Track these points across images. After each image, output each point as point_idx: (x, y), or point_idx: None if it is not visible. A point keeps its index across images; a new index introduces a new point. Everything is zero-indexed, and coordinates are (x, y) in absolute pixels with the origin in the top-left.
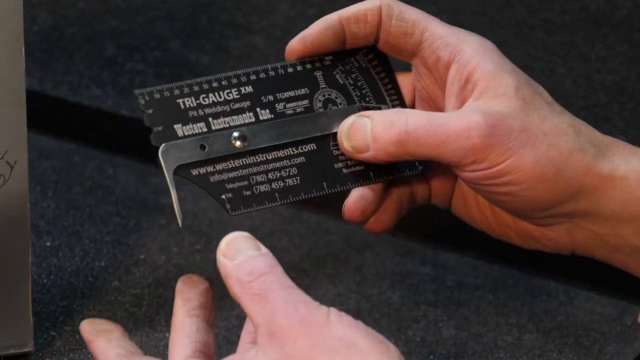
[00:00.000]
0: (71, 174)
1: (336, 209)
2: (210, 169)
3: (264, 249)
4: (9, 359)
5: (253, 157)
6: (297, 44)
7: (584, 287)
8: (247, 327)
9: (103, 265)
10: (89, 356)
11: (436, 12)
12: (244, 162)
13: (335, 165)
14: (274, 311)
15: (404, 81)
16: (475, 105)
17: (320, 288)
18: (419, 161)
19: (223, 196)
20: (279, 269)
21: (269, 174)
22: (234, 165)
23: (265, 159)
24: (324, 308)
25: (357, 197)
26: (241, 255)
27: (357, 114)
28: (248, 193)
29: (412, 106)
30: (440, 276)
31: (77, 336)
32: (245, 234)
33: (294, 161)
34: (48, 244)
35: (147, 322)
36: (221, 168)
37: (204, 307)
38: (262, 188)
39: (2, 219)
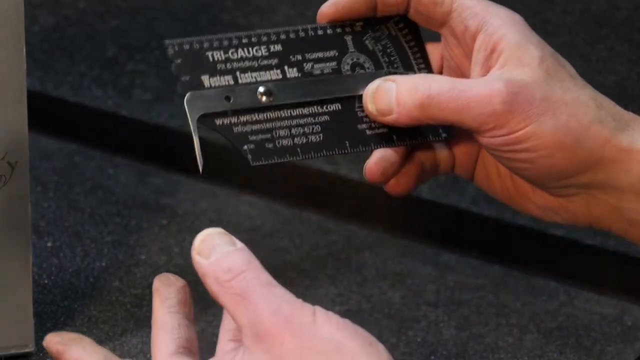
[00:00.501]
0: (72, 175)
1: (336, 209)
2: (234, 120)
3: (239, 244)
4: (10, 359)
5: (277, 112)
6: (329, 7)
7: (585, 288)
8: (226, 325)
9: (104, 266)
10: None
11: None
12: (268, 116)
13: (359, 127)
14: (257, 312)
15: (433, 51)
16: (499, 74)
17: (320, 288)
18: (442, 128)
19: (245, 147)
20: (256, 264)
21: (293, 129)
22: (257, 118)
23: (289, 114)
24: (308, 307)
25: (379, 158)
26: (216, 252)
27: (382, 78)
28: (270, 146)
29: (439, 73)
30: (441, 276)
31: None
32: (218, 229)
33: (318, 119)
34: (49, 244)
35: (148, 322)
36: (245, 120)
37: (183, 304)
38: (285, 142)
39: (3, 220)
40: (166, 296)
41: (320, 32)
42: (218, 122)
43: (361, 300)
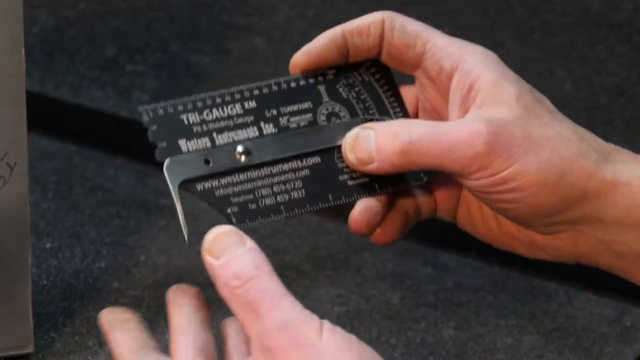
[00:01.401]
0: (71, 175)
1: (336, 210)
2: (215, 183)
3: (249, 243)
4: None
5: (258, 171)
6: (301, 57)
7: (584, 289)
8: (234, 340)
9: (103, 267)
10: (89, 358)
11: (436, 13)
12: (249, 176)
13: (340, 178)
14: (264, 326)
15: (407, 93)
16: (477, 114)
17: (320, 289)
18: (423, 172)
19: (229, 210)
20: (265, 268)
21: (274, 187)
22: (238, 179)
23: (270, 172)
24: (315, 322)
25: (363, 209)
26: (227, 253)
27: (360, 126)
28: (253, 206)
29: (416, 118)
30: (441, 277)
31: (77, 338)
32: (228, 227)
33: (298, 174)
34: (48, 245)
35: (147, 323)
36: (226, 182)
37: (198, 309)
38: (268, 201)
39: (2, 221)
40: (182, 302)
41: (293, 85)
42: (199, 187)
43: (360, 301)
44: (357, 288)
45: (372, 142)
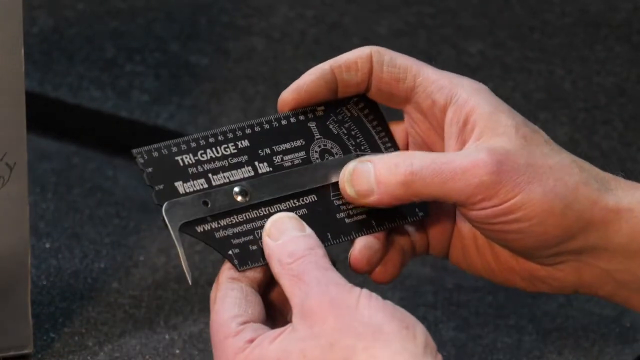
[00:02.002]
0: (71, 176)
1: None
2: (214, 225)
3: (308, 230)
4: None
5: (256, 211)
6: (289, 95)
7: None
8: (231, 309)
9: (102, 267)
10: (88, 358)
11: (436, 14)
12: (248, 217)
13: (338, 216)
14: (307, 292)
15: (396, 129)
16: (477, 145)
17: None
18: (419, 207)
19: (230, 252)
20: (319, 251)
21: None
22: (238, 220)
23: (268, 212)
24: (356, 290)
25: (362, 247)
26: (285, 236)
27: (357, 160)
28: (254, 247)
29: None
30: (440, 278)
31: (76, 338)
32: (291, 214)
33: (296, 213)
34: (47, 245)
35: (147, 323)
36: (225, 223)
37: (246, 276)
38: None
39: (2, 221)
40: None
41: (284, 122)
42: (199, 229)
43: None
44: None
45: (371, 174)
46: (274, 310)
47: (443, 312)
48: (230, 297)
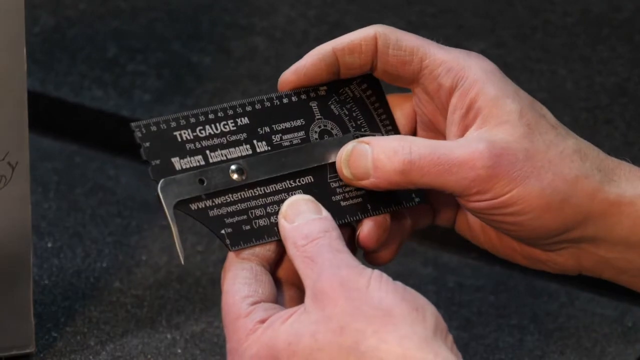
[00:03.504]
0: (72, 175)
1: None
2: (209, 203)
3: (324, 213)
4: (11, 359)
5: (251, 191)
6: (290, 75)
7: (585, 289)
8: (241, 290)
9: (104, 266)
10: (90, 357)
11: (437, 13)
12: (243, 196)
13: (333, 198)
14: (319, 274)
15: (405, 103)
16: (479, 134)
17: None
18: (415, 193)
19: (223, 231)
20: (334, 233)
21: (268, 207)
22: (232, 199)
23: (263, 192)
24: (367, 272)
25: (373, 225)
26: (300, 219)
27: (356, 140)
28: (247, 227)
29: (412, 131)
30: (442, 277)
31: (78, 337)
32: (307, 197)
33: (292, 194)
34: (49, 245)
35: (149, 323)
36: (220, 202)
37: (256, 255)
38: (262, 222)
39: (4, 220)
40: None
41: (285, 100)
42: (193, 206)
43: None
44: None
45: (368, 158)
46: (283, 286)
47: (445, 312)
48: (241, 277)
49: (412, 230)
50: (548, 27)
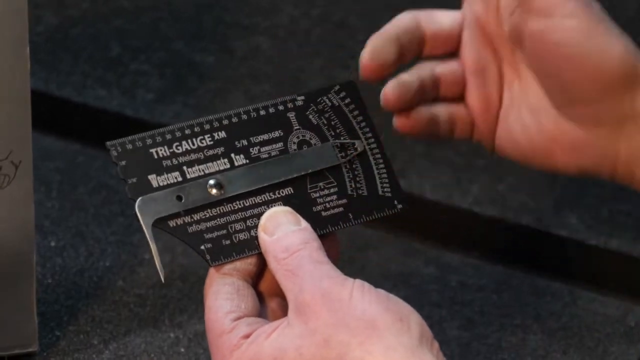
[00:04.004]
0: (75, 174)
1: None
2: (187, 219)
3: (304, 223)
4: (14, 358)
5: (230, 205)
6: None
7: (588, 288)
8: (225, 305)
9: (107, 265)
10: (93, 356)
11: None
12: (222, 211)
13: (314, 209)
14: (301, 286)
15: (448, 17)
16: None
17: None
18: (397, 200)
19: (202, 247)
20: (314, 244)
21: (247, 221)
22: (211, 214)
23: (242, 205)
24: (349, 282)
25: (396, 83)
26: (280, 231)
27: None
28: (227, 242)
29: (456, 40)
30: (444, 276)
31: (81, 336)
32: (286, 208)
33: (271, 206)
34: (52, 244)
35: (152, 322)
36: (199, 218)
37: (238, 270)
38: (241, 236)
39: (7, 219)
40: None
41: (262, 112)
42: (172, 223)
43: None
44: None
45: None
46: (265, 299)
47: (447, 311)
48: (223, 293)
49: (448, 129)
50: None
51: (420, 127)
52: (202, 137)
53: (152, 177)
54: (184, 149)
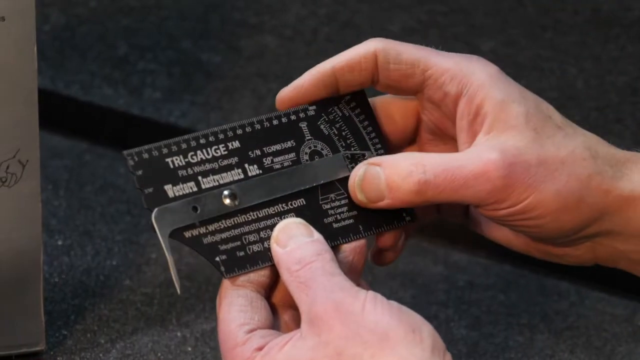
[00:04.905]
0: (83, 173)
1: None
2: (202, 230)
3: (316, 235)
4: (21, 357)
5: (244, 216)
6: (288, 93)
7: (595, 288)
8: (239, 318)
9: (114, 264)
10: (100, 355)
11: (448, 12)
12: (236, 222)
13: (325, 220)
14: (313, 298)
15: (408, 107)
16: (488, 141)
17: None
18: (406, 212)
19: (217, 258)
20: (327, 256)
21: (261, 232)
22: (226, 226)
23: (256, 216)
24: (361, 294)
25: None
26: (293, 243)
27: (366, 162)
28: (241, 254)
29: (412, 133)
30: (452, 276)
31: (88, 335)
32: (298, 220)
33: (284, 217)
34: (60, 242)
35: (159, 321)
36: (213, 229)
37: (251, 281)
38: (255, 248)
39: (14, 218)
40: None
41: (275, 122)
42: (187, 234)
43: None
44: (369, 287)
45: (381, 180)
46: (278, 310)
47: (455, 311)
48: (236, 305)
49: (417, 227)
50: (558, 26)
51: (402, 247)
52: (216, 146)
53: (168, 187)
54: (199, 159)
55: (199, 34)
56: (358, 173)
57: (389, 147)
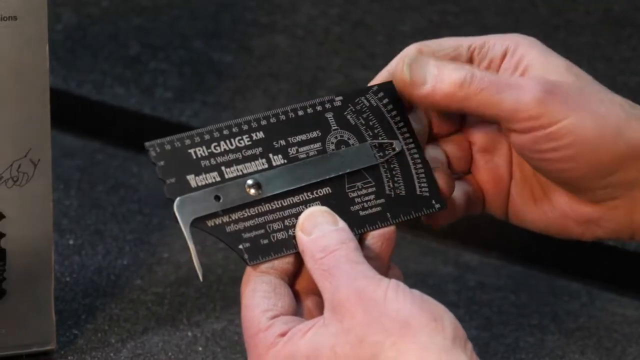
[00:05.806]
0: (94, 173)
1: None
2: (225, 219)
3: (341, 223)
4: (32, 356)
5: (268, 205)
6: (384, 74)
7: (606, 289)
8: (263, 304)
9: (125, 264)
10: (111, 354)
11: (459, 12)
12: (260, 210)
13: (352, 208)
14: (337, 286)
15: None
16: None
17: None
18: (435, 199)
19: (240, 246)
20: (351, 244)
21: (286, 220)
22: (249, 214)
23: (280, 205)
24: (384, 282)
25: (446, 181)
26: (317, 231)
27: (420, 43)
28: (265, 241)
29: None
30: (463, 276)
31: (99, 334)
32: (324, 208)
33: (309, 206)
34: (71, 242)
35: (169, 320)
36: (237, 217)
37: (275, 268)
38: (279, 235)
39: (26, 217)
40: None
41: (300, 113)
42: (210, 223)
43: None
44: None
45: (431, 64)
46: (302, 297)
47: (466, 311)
48: (260, 291)
49: (465, 210)
50: (570, 27)
51: (455, 216)
52: (240, 137)
53: (190, 177)
54: (222, 149)
55: (211, 33)
56: (409, 53)
57: (417, 135)
